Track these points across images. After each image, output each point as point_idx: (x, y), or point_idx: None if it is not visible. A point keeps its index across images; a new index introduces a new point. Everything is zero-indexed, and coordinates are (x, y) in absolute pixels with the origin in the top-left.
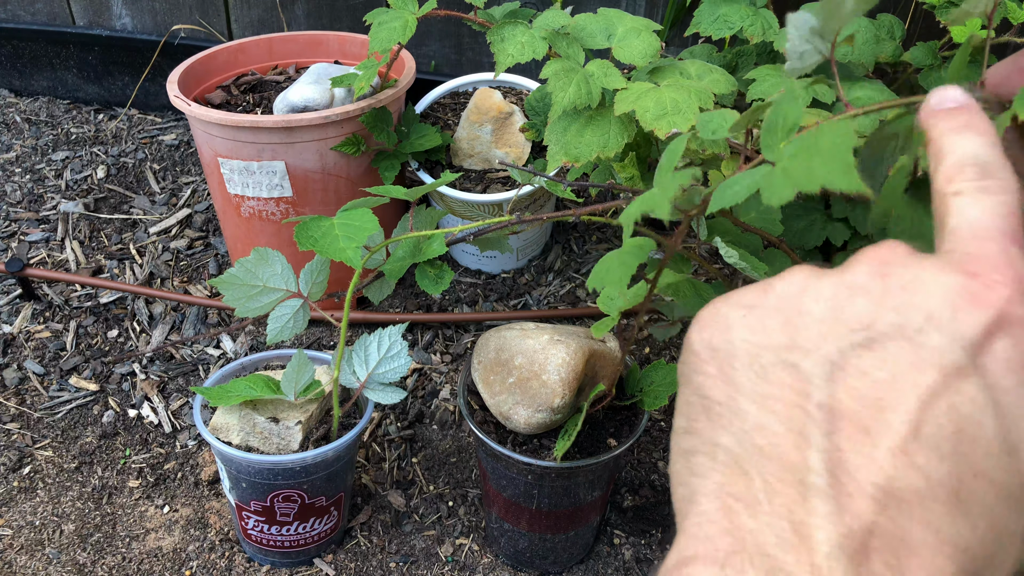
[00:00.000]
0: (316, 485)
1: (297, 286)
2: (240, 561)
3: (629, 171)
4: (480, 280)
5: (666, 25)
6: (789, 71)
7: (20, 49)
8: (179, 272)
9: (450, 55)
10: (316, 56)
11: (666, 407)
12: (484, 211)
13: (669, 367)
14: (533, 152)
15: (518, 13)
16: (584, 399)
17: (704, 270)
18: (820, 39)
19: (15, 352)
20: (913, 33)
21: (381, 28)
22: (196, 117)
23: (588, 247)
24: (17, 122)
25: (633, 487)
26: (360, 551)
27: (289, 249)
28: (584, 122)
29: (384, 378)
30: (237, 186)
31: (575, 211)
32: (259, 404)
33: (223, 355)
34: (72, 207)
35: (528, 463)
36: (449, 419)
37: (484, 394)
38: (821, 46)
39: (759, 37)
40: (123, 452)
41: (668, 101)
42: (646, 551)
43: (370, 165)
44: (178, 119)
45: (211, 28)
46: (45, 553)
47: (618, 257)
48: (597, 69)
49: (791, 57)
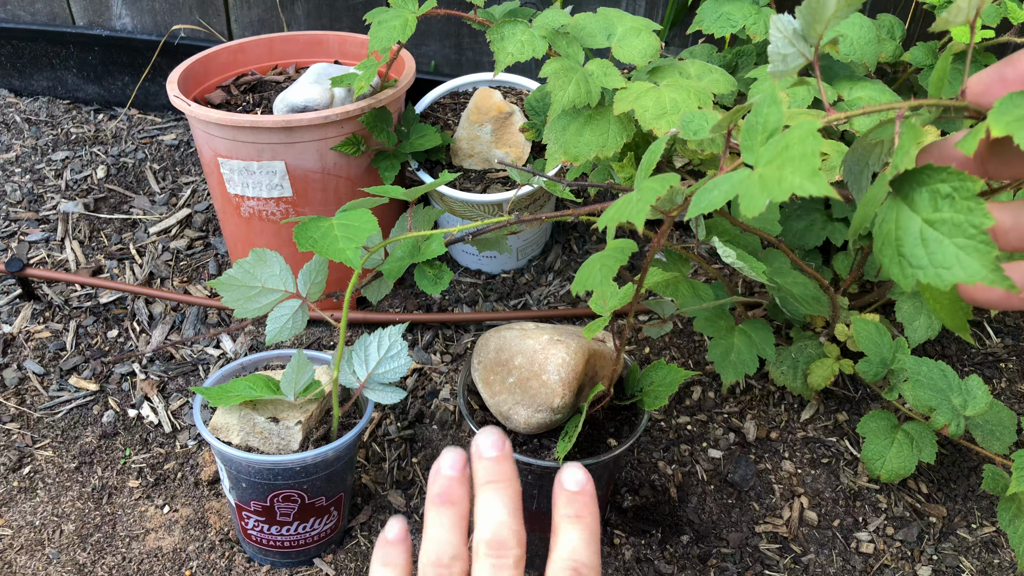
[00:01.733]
0: (316, 485)
1: (295, 287)
2: (240, 561)
3: (628, 171)
4: (480, 280)
5: (666, 25)
6: (772, 73)
7: (20, 49)
8: (179, 272)
9: (450, 55)
10: (316, 56)
11: (666, 407)
12: (484, 211)
13: (669, 367)
14: (533, 152)
15: (518, 12)
16: (584, 399)
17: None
18: (803, 42)
19: (15, 352)
20: (913, 33)
21: (381, 27)
22: (196, 117)
23: (588, 247)
24: (17, 122)
25: (633, 487)
26: (360, 551)
27: (289, 249)
28: (583, 121)
29: (384, 378)
30: (237, 186)
31: (574, 211)
32: (259, 404)
33: (223, 355)
34: (72, 207)
35: (528, 463)
36: (449, 419)
37: (484, 394)
38: (805, 49)
39: (761, 35)
40: (123, 452)
41: (667, 101)
42: (646, 551)
43: (370, 165)
44: (178, 119)
45: (211, 28)
46: (45, 553)
47: (600, 260)
48: (597, 68)
49: (774, 60)
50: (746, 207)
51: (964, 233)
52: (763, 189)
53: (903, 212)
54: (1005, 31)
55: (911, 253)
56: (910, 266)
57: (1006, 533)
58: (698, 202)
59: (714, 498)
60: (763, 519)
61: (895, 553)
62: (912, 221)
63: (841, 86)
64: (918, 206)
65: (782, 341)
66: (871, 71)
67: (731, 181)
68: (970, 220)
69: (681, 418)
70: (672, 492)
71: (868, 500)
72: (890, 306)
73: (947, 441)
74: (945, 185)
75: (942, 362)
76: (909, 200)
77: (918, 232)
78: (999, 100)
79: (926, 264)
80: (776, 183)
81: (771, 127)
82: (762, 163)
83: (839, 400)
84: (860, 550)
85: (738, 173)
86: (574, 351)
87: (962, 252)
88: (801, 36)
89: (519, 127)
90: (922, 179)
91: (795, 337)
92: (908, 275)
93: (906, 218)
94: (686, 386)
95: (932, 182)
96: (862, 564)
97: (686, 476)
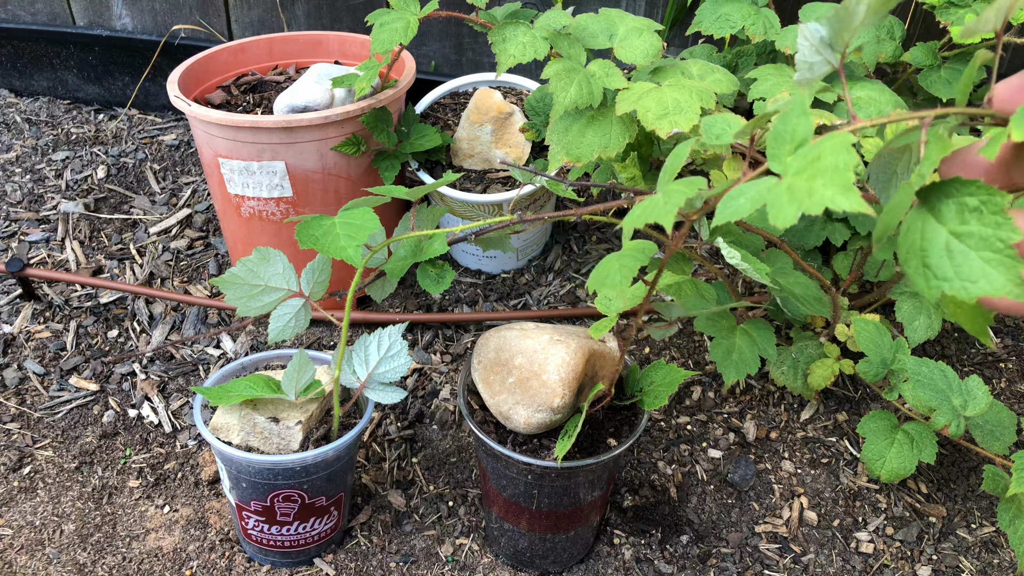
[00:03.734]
0: (316, 485)
1: (299, 285)
2: (240, 561)
3: (631, 171)
4: (480, 280)
5: (666, 25)
6: (799, 81)
7: (20, 49)
8: (179, 272)
9: (450, 55)
10: (316, 56)
11: (666, 407)
12: (484, 211)
13: (669, 367)
14: (533, 152)
15: (519, 14)
16: (584, 399)
17: (705, 270)
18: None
19: (15, 352)
20: (913, 33)
21: (383, 29)
22: (196, 117)
23: (588, 247)
24: (17, 122)
25: (633, 487)
26: (360, 551)
27: (289, 249)
28: (586, 122)
29: (384, 378)
30: (237, 186)
31: (576, 211)
32: (259, 404)
33: (223, 355)
34: (72, 207)
35: (528, 463)
36: (449, 419)
37: (484, 394)
38: (831, 57)
39: (761, 36)
40: (123, 452)
41: (670, 101)
42: (646, 551)
43: (370, 165)
44: (178, 119)
45: (211, 28)
46: (45, 553)
47: (618, 260)
48: (599, 69)
49: (801, 68)
50: (775, 217)
51: (991, 247)
52: (792, 200)
53: (929, 223)
54: (1005, 31)
55: (937, 264)
56: (935, 277)
57: (1006, 533)
58: (724, 209)
59: (714, 498)
60: (763, 519)
61: (895, 553)
62: (938, 232)
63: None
64: (945, 218)
65: (782, 341)
66: (871, 71)
67: (757, 189)
68: (997, 234)
69: (681, 418)
70: (672, 492)
71: (868, 500)
72: (890, 306)
73: (947, 441)
74: (973, 198)
75: (942, 362)
76: (936, 211)
77: (944, 244)
78: (1022, 106)
79: (951, 276)
80: (807, 195)
81: (800, 137)
82: (791, 173)
83: (839, 400)
84: (860, 550)
85: (764, 181)
86: (574, 351)
87: (988, 266)
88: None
89: (519, 127)
90: (950, 191)
91: (795, 337)
92: (933, 286)
93: (932, 229)
94: (686, 386)
95: (960, 195)
96: (862, 564)
97: (686, 476)
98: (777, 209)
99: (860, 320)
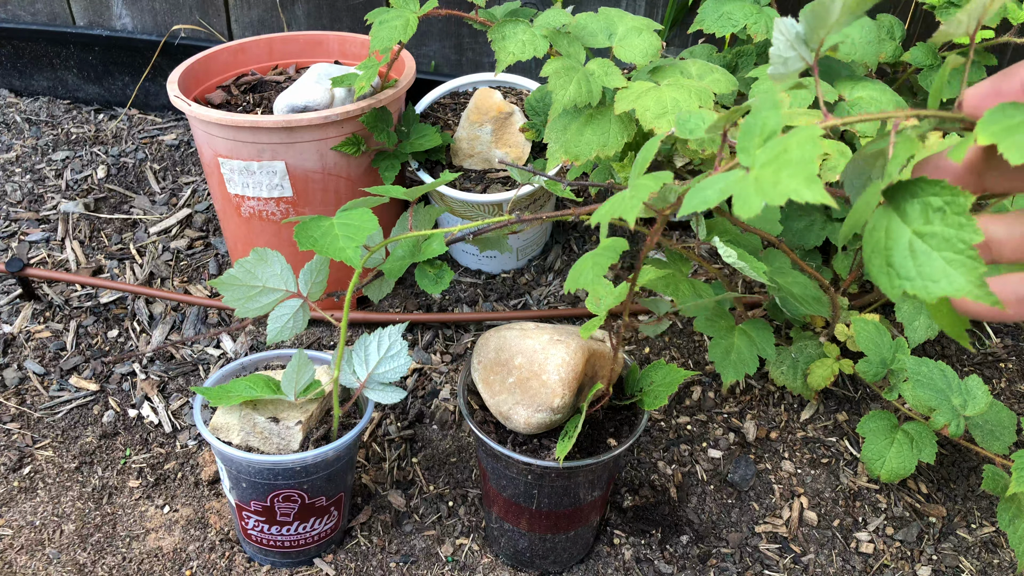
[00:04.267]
0: (316, 485)
1: (296, 286)
2: (240, 561)
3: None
4: (480, 280)
5: (666, 25)
6: (772, 76)
7: (20, 49)
8: (179, 272)
9: (450, 55)
10: (316, 56)
11: (666, 407)
12: (484, 211)
13: (669, 367)
14: (533, 152)
15: (519, 12)
16: (584, 399)
17: (703, 270)
18: (805, 47)
19: (15, 352)
20: (913, 33)
21: (382, 27)
22: (196, 117)
23: (588, 247)
24: (17, 122)
25: (633, 487)
26: (360, 551)
27: (289, 249)
28: (584, 121)
29: (384, 378)
30: (237, 186)
31: (575, 210)
32: (259, 404)
33: (223, 355)
34: (72, 207)
35: (528, 463)
36: (449, 419)
37: (484, 394)
38: (806, 54)
39: (762, 35)
40: (123, 452)
41: (669, 100)
42: (646, 551)
43: (370, 165)
44: (178, 119)
45: (211, 28)
46: (45, 553)
47: (592, 258)
48: (598, 68)
49: (775, 62)
50: (739, 208)
51: (953, 248)
52: (758, 191)
53: (894, 222)
54: (1005, 31)
55: (900, 264)
56: (898, 276)
57: (1006, 533)
58: (691, 200)
59: (714, 498)
60: (763, 519)
61: (895, 553)
62: (902, 232)
63: (842, 86)
64: (909, 217)
65: (782, 341)
66: (872, 71)
67: (726, 181)
68: (959, 235)
69: (681, 418)
70: (672, 492)
71: (868, 500)
72: (890, 306)
73: (947, 441)
74: (937, 199)
75: (942, 362)
76: (901, 211)
77: (907, 243)
78: (989, 110)
79: (914, 276)
80: (772, 186)
81: (769, 129)
82: (758, 165)
83: (839, 400)
84: (860, 550)
85: (733, 173)
86: (574, 351)
87: (949, 267)
88: (803, 40)
89: (519, 127)
90: (915, 191)
91: (795, 337)
92: (895, 285)
93: (896, 228)
94: (686, 386)
95: (925, 195)
96: (862, 564)
97: (686, 476)
98: (743, 200)
99: (860, 320)
